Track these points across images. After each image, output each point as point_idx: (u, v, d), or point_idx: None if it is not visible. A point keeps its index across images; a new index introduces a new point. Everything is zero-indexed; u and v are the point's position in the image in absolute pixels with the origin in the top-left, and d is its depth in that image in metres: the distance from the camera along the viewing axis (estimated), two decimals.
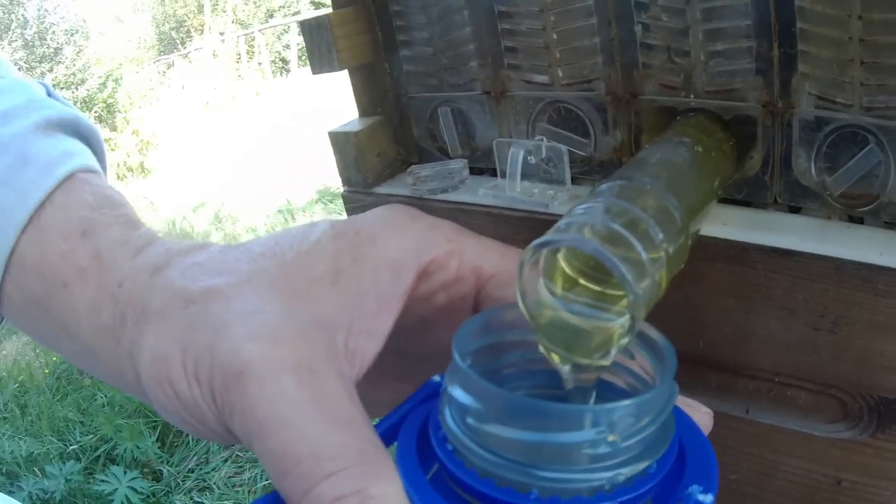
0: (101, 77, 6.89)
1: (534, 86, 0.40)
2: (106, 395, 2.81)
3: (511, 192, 0.39)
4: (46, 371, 3.17)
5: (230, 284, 0.26)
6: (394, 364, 0.28)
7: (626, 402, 0.21)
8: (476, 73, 0.42)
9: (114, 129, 6.46)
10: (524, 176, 0.39)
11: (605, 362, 0.23)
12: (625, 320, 0.23)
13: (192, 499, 2.17)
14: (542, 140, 0.39)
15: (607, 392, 0.26)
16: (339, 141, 0.46)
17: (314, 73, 0.45)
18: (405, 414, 0.25)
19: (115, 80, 7.05)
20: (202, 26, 10.02)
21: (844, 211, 0.34)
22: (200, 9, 10.75)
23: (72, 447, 2.54)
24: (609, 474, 0.21)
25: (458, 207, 0.42)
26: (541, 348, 0.24)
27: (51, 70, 7.19)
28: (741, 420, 0.38)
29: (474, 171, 0.45)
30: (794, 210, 0.36)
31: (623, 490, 0.21)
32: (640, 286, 0.22)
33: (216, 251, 0.28)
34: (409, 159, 0.48)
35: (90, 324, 0.28)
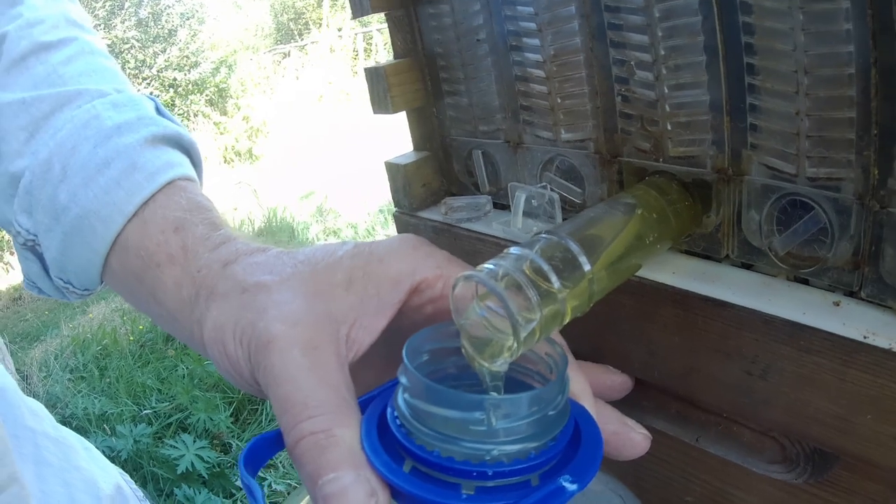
0: (214, 62, 6.90)
1: (542, 140, 0.47)
2: (187, 368, 2.86)
3: (514, 227, 0.46)
4: (131, 338, 3.25)
5: (274, 281, 0.35)
6: (385, 355, 0.36)
7: (500, 395, 0.28)
8: (500, 124, 0.49)
9: (224, 113, 6.52)
10: (529, 215, 0.46)
11: (497, 368, 0.30)
12: (511, 339, 0.29)
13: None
14: (545, 186, 0.46)
15: (518, 389, 0.32)
16: (392, 170, 0.54)
17: (374, 112, 0.54)
18: (379, 392, 0.33)
19: (229, 66, 7.06)
20: (320, 20, 9.89)
21: (790, 271, 0.38)
22: (319, 3, 10.68)
23: (145, 411, 2.62)
24: (489, 447, 0.28)
25: (475, 235, 0.49)
26: (463, 352, 0.31)
27: (164, 51, 7.15)
28: (692, 447, 0.43)
29: (499, 206, 0.52)
30: (747, 266, 0.40)
31: (502, 464, 0.28)
32: (524, 316, 0.29)
33: (272, 255, 0.37)
34: (450, 190, 0.55)
35: (174, 296, 0.39)
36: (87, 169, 0.42)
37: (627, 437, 0.36)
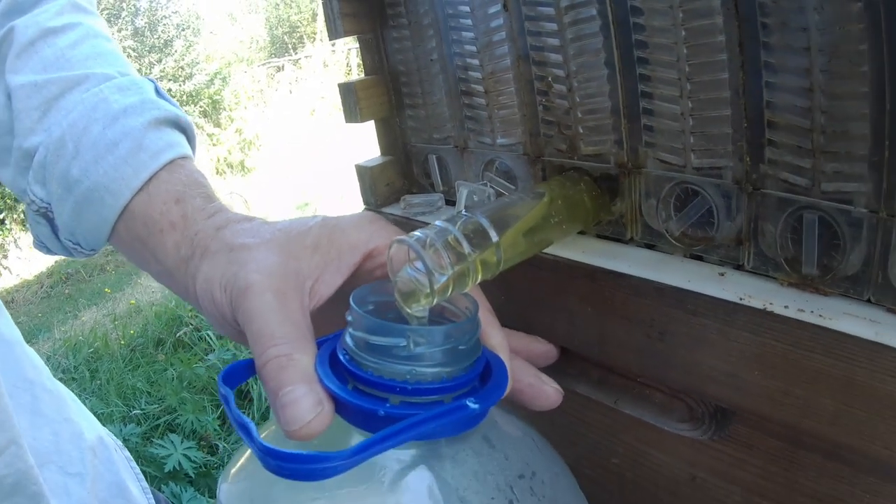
0: (209, 74, 6.90)
1: (483, 145, 0.55)
2: (177, 371, 2.90)
3: None
4: (122, 342, 3.31)
5: (255, 243, 0.43)
6: (340, 310, 0.42)
7: (418, 326, 0.36)
8: (450, 132, 0.57)
9: (217, 125, 6.49)
10: (470, 208, 0.54)
11: (418, 314, 0.38)
12: (427, 289, 0.37)
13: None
14: (485, 184, 0.54)
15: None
16: (361, 172, 0.62)
17: (346, 122, 0.62)
18: (334, 336, 0.40)
19: (223, 78, 7.04)
20: (314, 34, 9.81)
21: (686, 249, 0.45)
22: (314, 17, 10.72)
23: (134, 412, 2.65)
24: (409, 368, 0.35)
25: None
26: (395, 302, 0.39)
27: (159, 61, 7.17)
28: (612, 409, 0.50)
29: (451, 202, 0.60)
30: (650, 247, 0.48)
31: (420, 383, 0.35)
32: (438, 271, 0.36)
33: (256, 223, 0.46)
34: (410, 189, 0.63)
35: (173, 256, 0.47)
36: (97, 148, 0.49)
37: (541, 389, 0.43)
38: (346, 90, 0.60)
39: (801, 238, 0.40)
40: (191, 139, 0.55)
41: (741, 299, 0.41)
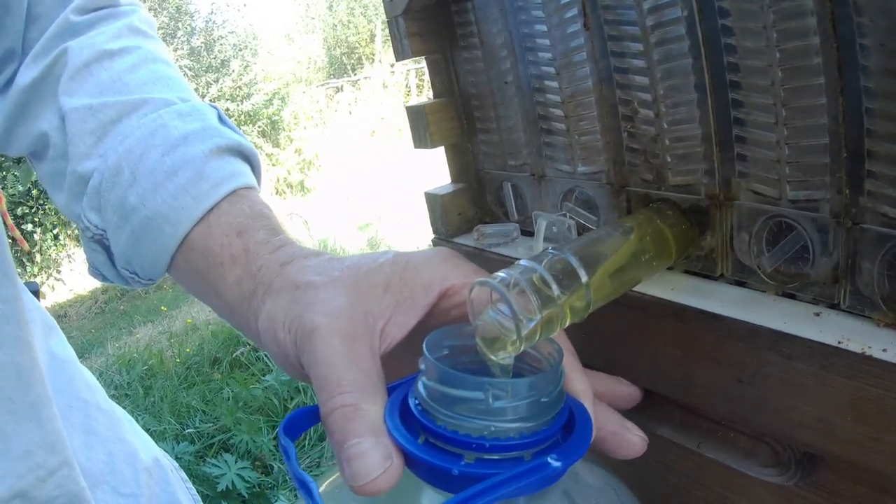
0: (267, 94, 6.89)
1: (562, 173, 0.52)
2: (232, 391, 2.87)
3: (536, 250, 0.51)
4: (178, 360, 3.29)
5: (322, 281, 0.40)
6: (414, 351, 0.40)
7: (498, 379, 0.33)
8: (526, 158, 0.54)
9: (276, 145, 6.47)
10: (549, 240, 0.51)
11: (503, 361, 0.35)
12: (514, 335, 0.34)
13: (296, 495, 2.28)
14: (564, 214, 0.51)
15: None
16: (431, 200, 0.60)
17: (415, 147, 0.60)
18: (406, 381, 0.38)
19: (282, 98, 7.04)
20: (373, 55, 9.73)
21: (778, 287, 0.42)
22: (372, 38, 10.57)
23: (188, 430, 2.63)
24: (487, 423, 0.33)
25: (502, 258, 0.54)
26: (477, 348, 0.36)
27: (216, 81, 7.16)
28: (693, 452, 0.47)
29: (526, 232, 0.57)
30: (740, 283, 0.44)
31: (498, 439, 0.33)
32: (526, 316, 0.34)
33: (323, 259, 0.43)
34: (483, 218, 0.61)
35: (235, 291, 0.45)
36: (155, 175, 0.47)
37: (624, 437, 0.40)
38: (416, 114, 0.58)
39: None
40: (255, 168, 0.53)
41: (839, 343, 0.38)
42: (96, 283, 5.78)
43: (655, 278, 0.46)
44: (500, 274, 0.35)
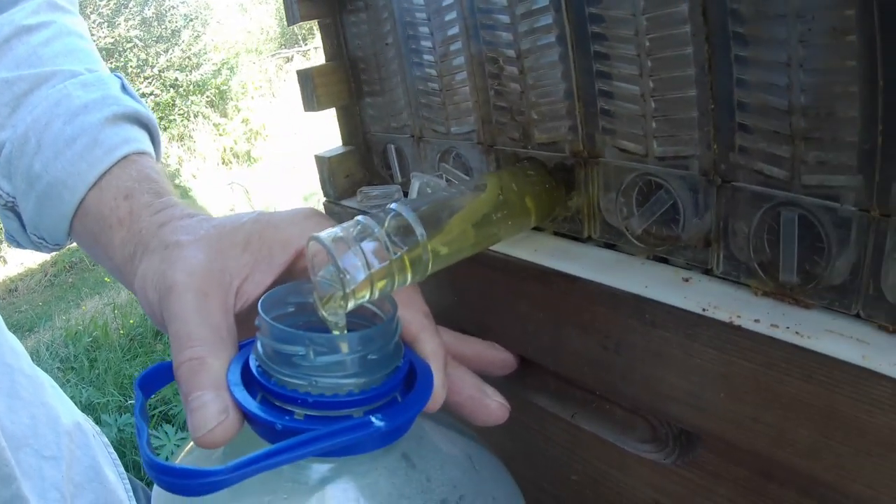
0: (216, 64, 6.83)
1: (438, 134, 0.50)
2: None
3: None
4: (122, 332, 3.32)
5: (188, 240, 0.41)
6: None
7: (320, 334, 0.32)
8: (406, 120, 0.52)
9: (224, 114, 6.45)
10: None
11: (333, 317, 0.34)
12: (342, 294, 0.32)
13: None
14: (440, 175, 0.49)
15: None
16: (319, 162, 0.58)
17: (304, 111, 0.58)
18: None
19: (230, 68, 6.97)
20: None
21: (649, 250, 0.41)
22: None
23: (130, 402, 2.63)
24: (311, 379, 0.32)
25: None
26: (314, 301, 0.34)
27: (166, 51, 7.05)
28: (569, 423, 0.45)
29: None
30: (611, 246, 0.43)
31: (323, 396, 0.32)
32: (353, 272, 0.32)
33: (197, 220, 0.44)
34: (371, 181, 0.59)
35: (120, 253, 0.46)
36: (57, 143, 0.49)
37: (482, 402, 0.39)
38: (304, 77, 0.55)
39: (778, 239, 0.35)
40: (154, 135, 0.55)
41: (704, 310, 0.36)
42: (46, 256, 5.73)
43: (522, 239, 0.44)
44: (335, 230, 0.33)
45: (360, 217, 0.35)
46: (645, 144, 0.38)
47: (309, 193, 4.65)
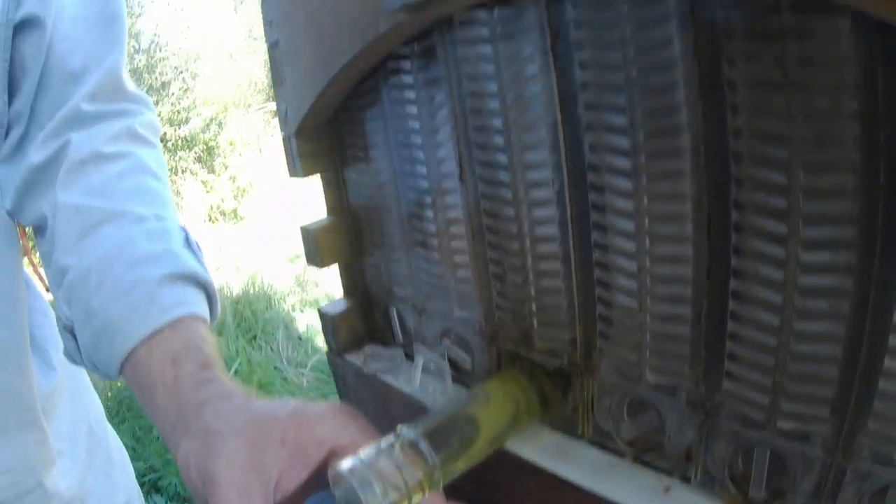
0: (205, 119, 6.79)
1: (440, 313, 0.53)
2: None
3: (414, 384, 0.53)
4: (109, 394, 3.24)
5: (228, 431, 0.44)
6: (309, 495, 0.43)
7: None
8: (408, 290, 0.56)
9: (212, 171, 6.43)
10: (427, 372, 0.53)
11: None
12: None
13: None
14: (442, 354, 0.52)
15: None
16: (323, 318, 0.61)
17: (308, 264, 0.60)
18: None
19: (219, 124, 6.92)
20: None
21: (633, 453, 0.44)
22: None
23: None
24: None
25: (386, 384, 0.56)
26: None
27: (157, 104, 6.73)
28: None
29: (411, 356, 0.58)
30: (602, 446, 0.46)
31: None
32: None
33: (234, 404, 0.46)
34: (373, 335, 0.62)
35: (162, 416, 0.49)
36: (116, 289, 0.53)
37: None
38: (306, 235, 0.58)
39: (751, 460, 0.38)
40: (211, 295, 0.58)
41: None
42: None
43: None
44: (354, 461, 0.37)
45: (382, 442, 0.38)
46: (640, 369, 0.42)
47: (294, 256, 4.60)
